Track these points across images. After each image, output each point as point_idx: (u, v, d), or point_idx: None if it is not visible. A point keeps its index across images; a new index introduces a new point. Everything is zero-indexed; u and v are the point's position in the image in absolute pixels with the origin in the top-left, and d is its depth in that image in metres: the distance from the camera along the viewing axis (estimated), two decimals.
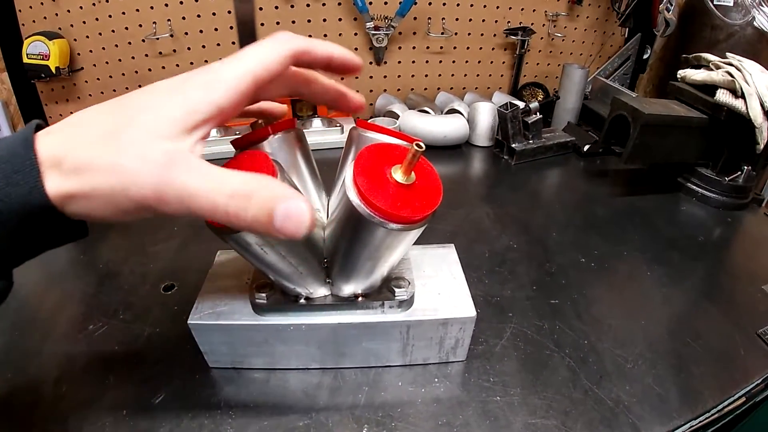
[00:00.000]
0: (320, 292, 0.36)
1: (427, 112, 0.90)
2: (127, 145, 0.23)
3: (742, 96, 0.65)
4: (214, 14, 0.91)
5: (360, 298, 0.36)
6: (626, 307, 0.51)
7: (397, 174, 0.28)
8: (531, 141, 0.84)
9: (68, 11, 0.87)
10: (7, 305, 0.53)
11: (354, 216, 0.28)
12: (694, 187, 0.74)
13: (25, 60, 0.84)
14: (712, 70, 0.71)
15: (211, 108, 0.24)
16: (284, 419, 0.37)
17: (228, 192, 0.23)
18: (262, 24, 0.93)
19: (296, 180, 0.36)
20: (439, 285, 0.41)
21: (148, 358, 0.43)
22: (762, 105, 0.64)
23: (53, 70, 0.85)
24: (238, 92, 0.25)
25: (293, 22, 0.94)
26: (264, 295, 0.36)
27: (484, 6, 1.00)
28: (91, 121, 0.25)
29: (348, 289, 0.36)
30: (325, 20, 0.95)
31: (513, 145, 0.83)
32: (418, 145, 0.26)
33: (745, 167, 0.70)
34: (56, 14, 0.87)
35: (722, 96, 0.66)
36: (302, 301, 0.36)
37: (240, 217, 0.23)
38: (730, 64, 0.69)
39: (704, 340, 0.47)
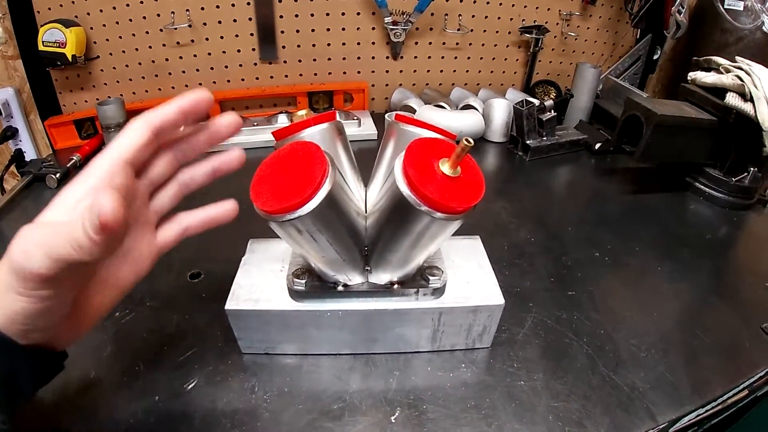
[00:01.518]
0: (357, 279, 0.38)
1: (443, 107, 0.91)
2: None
3: (751, 99, 0.66)
4: (233, 5, 0.91)
5: (396, 286, 0.38)
6: (639, 300, 0.53)
7: (445, 167, 0.29)
8: (545, 138, 0.86)
9: None
10: None
11: (402, 205, 0.30)
12: (702, 186, 0.76)
13: (41, 47, 0.83)
14: (721, 73, 0.73)
15: (84, 193, 0.28)
16: (319, 403, 0.39)
17: (66, 222, 0.25)
18: (281, 16, 0.94)
19: None
20: (467, 274, 0.42)
21: (179, 344, 0.44)
22: None
23: (69, 58, 0.84)
24: (106, 176, 0.28)
25: (312, 15, 0.95)
26: (303, 282, 0.38)
27: (500, 4, 1.01)
28: None
29: (385, 276, 0.38)
30: (343, 14, 0.96)
31: (528, 142, 0.84)
32: (467, 141, 0.27)
33: (752, 169, 0.72)
34: (72, 2, 0.86)
35: (732, 99, 0.68)
36: (340, 288, 0.38)
37: (76, 240, 0.24)
38: (740, 68, 0.70)
39: (712, 332, 0.49)
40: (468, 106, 0.93)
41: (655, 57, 1.12)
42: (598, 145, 0.88)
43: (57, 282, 0.25)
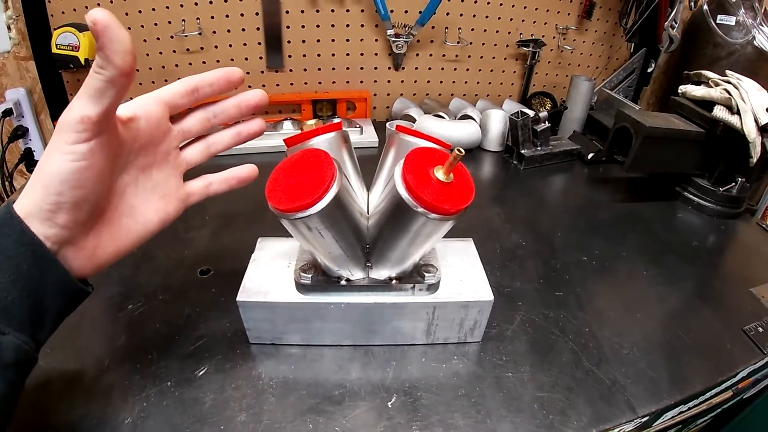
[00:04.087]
0: (359, 275, 0.41)
1: (442, 117, 0.94)
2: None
3: (738, 112, 0.68)
4: (242, 15, 0.94)
5: (394, 281, 0.41)
6: (624, 302, 0.55)
7: (439, 173, 0.33)
8: (539, 148, 0.89)
9: (98, 4, 0.89)
10: None
11: (401, 206, 0.33)
12: (691, 196, 0.78)
13: (54, 50, 0.86)
14: (711, 86, 0.75)
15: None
16: (321, 389, 0.41)
17: None
18: (288, 26, 0.97)
19: None
20: (460, 273, 0.45)
21: (190, 335, 0.46)
22: (756, 121, 0.67)
23: (82, 62, 0.86)
24: (146, 105, 0.34)
25: (318, 26, 0.98)
26: (309, 276, 0.41)
27: (499, 18, 1.05)
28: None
29: (384, 272, 0.41)
30: (348, 25, 0.99)
31: (522, 151, 0.87)
32: (459, 151, 0.31)
33: (739, 179, 0.74)
34: (86, 6, 0.89)
35: (719, 112, 0.70)
36: (343, 282, 0.41)
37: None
38: (729, 82, 0.73)
39: (694, 333, 0.51)
40: (466, 116, 0.96)
41: (649, 70, 1.15)
42: (590, 155, 0.91)
43: (96, 130, 0.28)
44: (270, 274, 0.44)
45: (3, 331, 0.27)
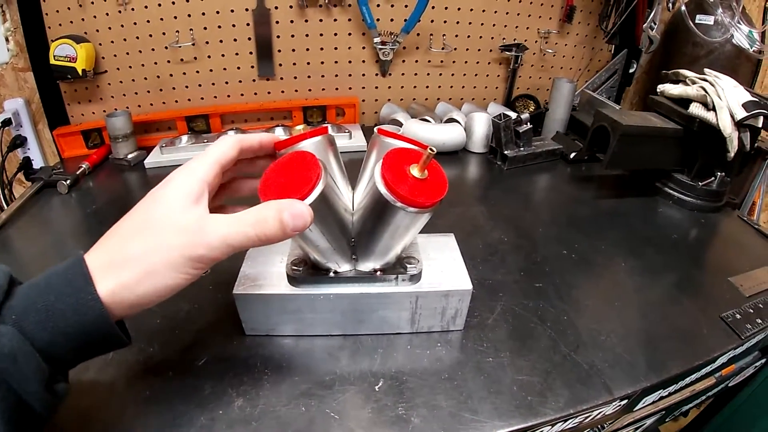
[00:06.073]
0: (346, 267, 0.44)
1: (428, 121, 0.97)
2: (159, 229, 0.32)
3: (714, 109, 0.71)
4: (233, 26, 0.97)
5: (378, 272, 0.44)
6: (602, 291, 0.58)
7: (414, 171, 0.36)
8: (522, 148, 0.91)
9: (94, 17, 0.91)
10: None
11: (381, 202, 0.36)
12: (671, 191, 0.80)
13: (53, 61, 0.88)
14: (688, 85, 0.78)
15: (201, 185, 0.35)
16: (312, 375, 0.44)
17: (251, 222, 0.33)
18: (278, 36, 1.00)
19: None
20: (441, 265, 0.48)
21: (190, 328, 0.49)
22: (732, 117, 0.70)
23: (79, 72, 0.88)
24: (210, 172, 0.36)
25: (306, 35, 1.01)
26: (300, 269, 0.44)
27: (482, 24, 1.08)
28: (121, 227, 0.33)
29: (369, 264, 0.44)
30: (336, 34, 1.02)
31: (505, 152, 0.90)
32: (431, 150, 0.34)
33: (719, 173, 0.76)
34: (82, 19, 0.91)
35: (695, 109, 0.73)
36: (331, 274, 0.44)
37: (266, 234, 0.33)
38: (705, 80, 0.75)
39: (671, 320, 0.53)
40: (451, 120, 0.99)
41: (631, 71, 1.17)
42: (572, 155, 0.93)
43: None
44: (264, 269, 0.47)
45: (58, 379, 0.31)
